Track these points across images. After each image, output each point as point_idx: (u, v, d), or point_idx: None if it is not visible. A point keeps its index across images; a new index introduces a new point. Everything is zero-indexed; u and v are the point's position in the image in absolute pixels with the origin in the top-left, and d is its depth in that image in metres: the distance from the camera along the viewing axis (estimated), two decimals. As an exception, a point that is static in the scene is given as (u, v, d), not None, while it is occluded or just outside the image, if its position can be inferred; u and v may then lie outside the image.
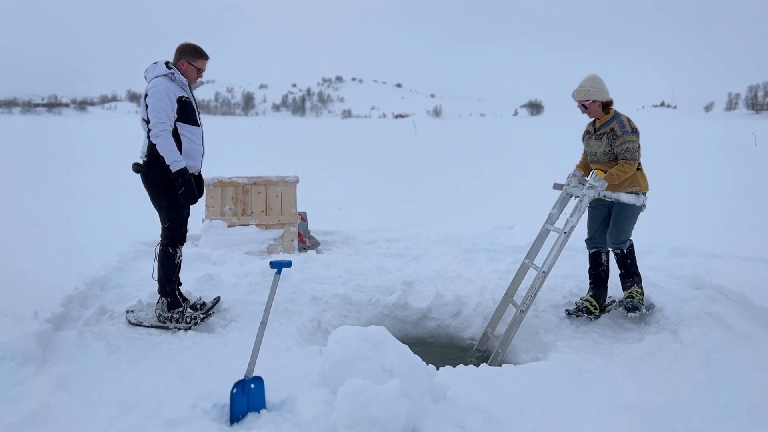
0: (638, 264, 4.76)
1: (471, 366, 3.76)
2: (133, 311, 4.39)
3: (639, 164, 4.56)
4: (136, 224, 7.42)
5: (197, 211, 7.44)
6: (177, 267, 4.33)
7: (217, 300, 4.71)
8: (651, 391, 3.36)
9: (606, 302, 4.84)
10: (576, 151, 5.21)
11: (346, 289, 5.39)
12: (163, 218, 4.23)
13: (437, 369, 3.42)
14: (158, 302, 4.35)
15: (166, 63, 4.19)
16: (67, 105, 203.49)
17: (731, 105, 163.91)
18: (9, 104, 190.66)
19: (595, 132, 4.61)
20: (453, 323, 5.19)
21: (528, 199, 10.52)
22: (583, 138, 4.81)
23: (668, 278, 5.72)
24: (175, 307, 4.28)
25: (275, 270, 3.24)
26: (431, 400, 2.99)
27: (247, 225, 7.12)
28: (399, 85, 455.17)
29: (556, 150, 21.29)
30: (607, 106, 4.52)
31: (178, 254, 4.30)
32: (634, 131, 4.38)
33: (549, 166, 14.01)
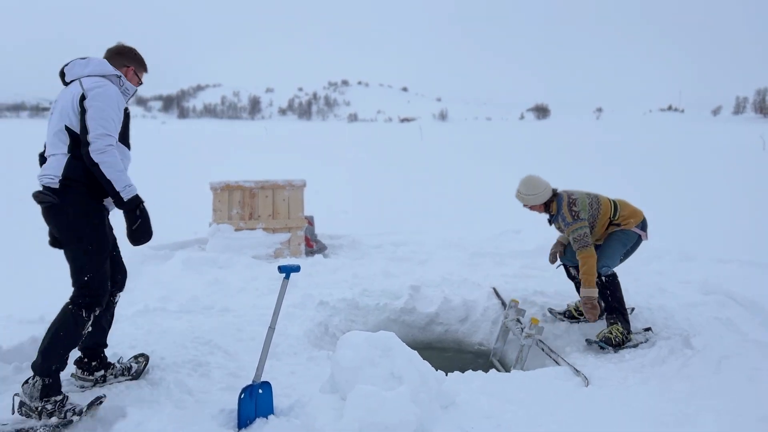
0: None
1: (480, 372, 3.73)
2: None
3: (615, 210, 4.43)
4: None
5: (206, 215, 7.47)
6: (81, 339, 3.02)
7: (146, 361, 3.52)
8: (662, 398, 3.33)
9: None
10: (578, 155, 5.14)
11: (353, 293, 5.37)
12: (81, 269, 3.01)
13: (446, 375, 3.40)
14: (27, 383, 2.90)
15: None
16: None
17: (739, 108, 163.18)
18: (17, 108, 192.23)
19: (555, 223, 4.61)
20: (461, 328, 5.16)
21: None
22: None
23: (678, 283, 5.68)
24: (52, 394, 2.88)
25: (283, 275, 3.23)
26: (440, 407, 2.98)
27: (254, 229, 7.12)
28: (405, 89, 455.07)
29: (562, 154, 21.25)
30: (548, 205, 4.49)
31: (90, 323, 3.00)
32: (576, 217, 4.28)
33: (555, 170, 13.96)
